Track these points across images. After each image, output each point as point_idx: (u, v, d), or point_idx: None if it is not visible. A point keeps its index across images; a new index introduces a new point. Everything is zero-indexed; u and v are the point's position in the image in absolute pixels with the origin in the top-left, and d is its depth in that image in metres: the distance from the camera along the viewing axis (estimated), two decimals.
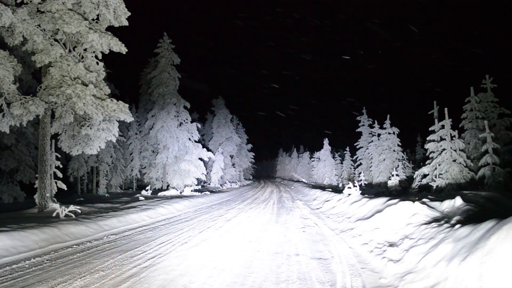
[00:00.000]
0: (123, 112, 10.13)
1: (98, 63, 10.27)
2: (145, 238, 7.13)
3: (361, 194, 12.89)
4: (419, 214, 6.15)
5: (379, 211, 7.48)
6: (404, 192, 17.59)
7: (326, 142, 40.80)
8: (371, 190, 20.47)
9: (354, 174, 32.87)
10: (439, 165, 13.57)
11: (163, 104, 21.19)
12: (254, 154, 44.17)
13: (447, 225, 5.00)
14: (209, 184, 30.60)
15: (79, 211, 9.53)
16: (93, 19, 9.98)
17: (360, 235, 7.10)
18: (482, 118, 14.15)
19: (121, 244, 6.57)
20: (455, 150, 13.17)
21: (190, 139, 21.87)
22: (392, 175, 19.69)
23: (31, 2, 8.84)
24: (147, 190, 19.24)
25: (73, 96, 9.03)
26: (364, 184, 26.21)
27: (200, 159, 21.82)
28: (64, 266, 4.98)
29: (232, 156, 36.20)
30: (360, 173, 28.45)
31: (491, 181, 12.36)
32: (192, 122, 22.54)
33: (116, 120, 10.75)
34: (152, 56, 22.69)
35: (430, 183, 14.12)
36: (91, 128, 10.23)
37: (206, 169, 25.24)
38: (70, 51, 9.78)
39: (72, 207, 9.37)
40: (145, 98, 24.55)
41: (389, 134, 23.46)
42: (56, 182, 10.69)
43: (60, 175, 10.72)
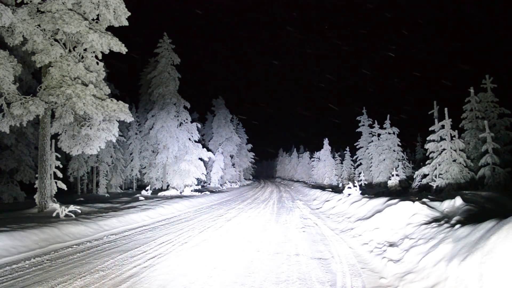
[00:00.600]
0: (123, 112, 10.14)
1: (98, 63, 10.27)
2: (145, 238, 7.13)
3: (361, 194, 12.90)
4: (419, 214, 6.15)
5: (379, 211, 7.48)
6: (404, 192, 17.59)
7: (326, 142, 40.77)
8: (371, 190, 20.47)
9: (354, 174, 32.87)
10: (439, 165, 13.58)
11: (163, 104, 21.18)
12: (254, 154, 44.23)
13: (447, 225, 5.00)
14: (209, 184, 30.60)
15: (79, 211, 9.53)
16: (93, 19, 9.98)
17: (360, 235, 7.10)
18: (482, 118, 14.15)
19: (121, 244, 6.57)
20: (455, 150, 13.17)
21: (190, 139, 21.87)
22: (392, 175, 19.69)
23: (31, 2, 8.83)
24: (147, 190, 19.24)
25: (73, 96, 9.03)
26: (364, 184, 26.22)
27: (200, 159, 21.82)
28: (64, 266, 4.98)
29: (232, 156, 36.21)
30: (360, 173, 28.45)
31: (491, 181, 12.36)
32: (192, 122, 22.54)
33: (116, 120, 10.75)
34: (152, 56, 22.69)
35: (430, 183, 14.12)
36: (91, 128, 10.23)
37: (206, 169, 25.25)
38: (70, 51, 9.78)
39: (72, 207, 9.36)
40: (145, 98, 24.55)
41: (389, 134, 23.47)
42: (56, 182, 10.69)
43: (60, 175, 10.72)
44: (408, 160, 24.45)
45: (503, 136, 14.19)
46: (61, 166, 10.95)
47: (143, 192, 18.91)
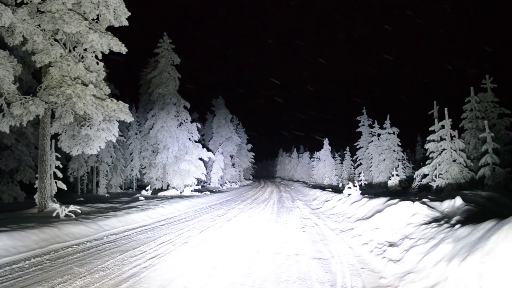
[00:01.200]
0: (123, 112, 10.13)
1: (98, 63, 10.27)
2: (145, 238, 7.13)
3: (361, 194, 12.90)
4: (419, 214, 6.16)
5: (379, 211, 7.48)
6: (404, 192, 17.59)
7: (326, 142, 40.80)
8: (371, 190, 20.48)
9: (354, 174, 32.89)
10: (439, 165, 13.58)
11: (163, 104, 21.19)
12: (254, 154, 44.24)
13: (447, 225, 5.00)
14: (209, 184, 30.60)
15: (79, 211, 9.53)
16: (93, 19, 9.98)
17: (360, 235, 7.10)
18: (482, 118, 14.16)
19: (121, 244, 6.57)
20: (455, 150, 13.17)
21: (190, 139, 21.87)
22: (392, 175, 19.70)
23: (31, 2, 8.83)
24: (147, 190, 19.24)
25: (73, 96, 9.02)
26: (364, 184, 26.22)
27: (200, 159, 21.83)
28: (64, 266, 4.98)
29: (232, 156, 36.20)
30: (360, 173, 28.46)
31: (491, 181, 12.37)
32: (192, 122, 22.55)
33: (116, 120, 10.75)
34: (152, 56, 22.70)
35: (430, 183, 14.12)
36: (91, 128, 10.23)
37: (206, 169, 25.25)
38: (70, 51, 9.78)
39: (72, 207, 9.36)
40: (145, 98, 24.56)
41: (389, 134, 23.48)
42: (56, 182, 10.69)
43: (60, 175, 10.72)
44: (408, 160, 24.46)
45: (503, 136, 14.20)
46: (61, 166, 10.96)
47: (143, 192, 18.91)
